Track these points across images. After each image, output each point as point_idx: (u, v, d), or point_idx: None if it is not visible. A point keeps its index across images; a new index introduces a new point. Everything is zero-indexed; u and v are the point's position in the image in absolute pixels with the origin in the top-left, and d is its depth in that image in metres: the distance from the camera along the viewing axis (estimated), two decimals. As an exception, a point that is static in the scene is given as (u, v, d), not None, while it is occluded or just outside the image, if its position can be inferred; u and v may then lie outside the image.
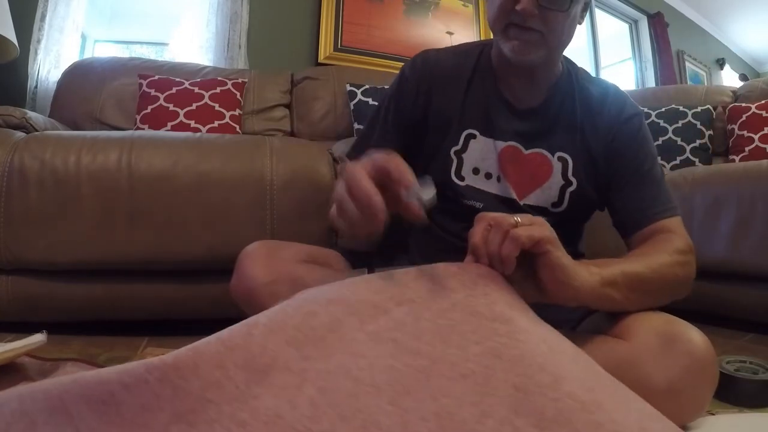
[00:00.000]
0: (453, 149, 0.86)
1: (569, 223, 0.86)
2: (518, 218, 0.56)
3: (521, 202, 0.84)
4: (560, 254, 0.58)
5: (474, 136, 0.86)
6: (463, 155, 0.86)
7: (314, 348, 0.45)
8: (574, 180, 0.84)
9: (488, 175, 0.85)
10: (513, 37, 0.76)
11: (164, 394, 0.38)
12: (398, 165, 0.54)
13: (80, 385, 0.38)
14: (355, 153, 0.92)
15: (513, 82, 0.85)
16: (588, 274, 0.61)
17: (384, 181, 0.54)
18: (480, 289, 0.52)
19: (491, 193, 0.85)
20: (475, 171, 0.85)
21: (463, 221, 0.87)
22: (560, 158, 0.84)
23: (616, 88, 0.89)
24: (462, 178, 0.86)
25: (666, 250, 0.72)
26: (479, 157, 0.85)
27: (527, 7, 0.72)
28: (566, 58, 0.90)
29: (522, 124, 0.85)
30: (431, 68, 0.89)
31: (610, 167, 0.84)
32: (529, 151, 0.84)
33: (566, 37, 0.80)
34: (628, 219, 0.82)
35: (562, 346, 0.47)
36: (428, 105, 0.88)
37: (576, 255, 0.91)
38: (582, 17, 0.82)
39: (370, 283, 0.53)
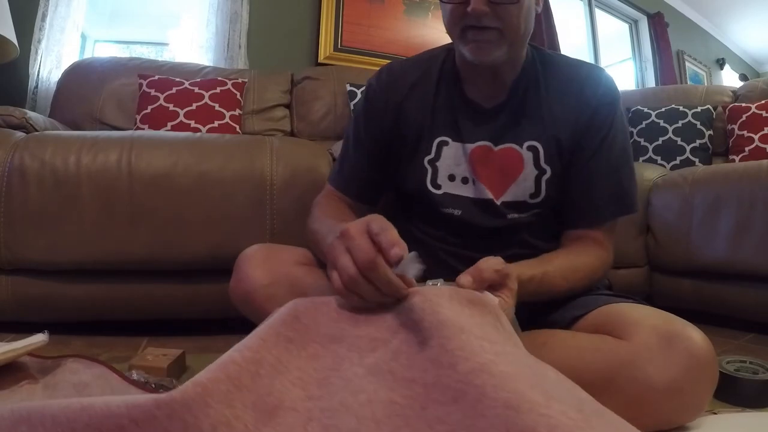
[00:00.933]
0: (426, 158, 0.86)
1: (551, 215, 0.87)
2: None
3: (498, 201, 0.84)
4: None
5: (446, 143, 0.86)
6: (437, 163, 0.86)
7: (318, 388, 0.47)
8: (547, 167, 0.83)
9: (464, 180, 0.85)
10: (471, 39, 0.76)
11: (175, 430, 0.39)
12: (390, 239, 0.53)
13: (89, 414, 0.39)
14: (337, 177, 0.93)
15: (477, 82, 0.85)
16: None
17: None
18: (467, 311, 0.53)
19: (468, 197, 0.85)
20: (451, 177, 0.85)
21: (443, 229, 0.87)
22: (530, 147, 0.83)
23: (594, 71, 0.87)
24: (438, 186, 0.86)
25: (585, 270, 0.80)
26: (453, 163, 0.85)
27: (477, 6, 0.72)
28: (533, 46, 0.88)
29: (489, 123, 0.84)
30: (397, 80, 0.89)
31: (574, 154, 0.83)
32: (499, 147, 0.84)
33: (525, 29, 0.78)
34: (572, 214, 0.85)
35: (547, 372, 0.48)
36: (399, 117, 0.88)
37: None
38: (538, 4, 0.81)
39: (369, 316, 0.54)
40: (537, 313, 0.82)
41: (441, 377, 0.45)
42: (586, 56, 3.61)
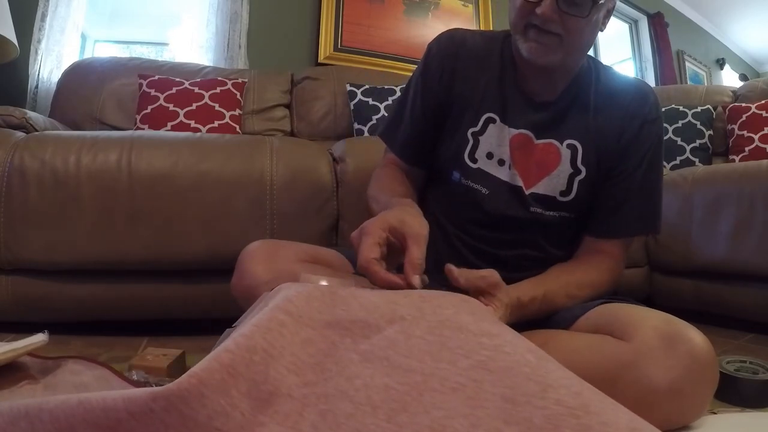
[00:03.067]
0: (471, 130, 0.87)
1: (575, 222, 0.87)
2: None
3: (528, 191, 0.84)
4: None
5: (494, 121, 0.87)
6: (480, 138, 0.86)
7: (312, 373, 0.47)
8: (583, 168, 0.84)
9: (501, 162, 0.86)
10: (532, 38, 0.78)
11: (172, 422, 0.39)
12: (416, 242, 0.59)
13: (86, 410, 0.39)
14: (391, 142, 0.95)
15: (530, 77, 0.86)
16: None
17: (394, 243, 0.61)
18: (466, 308, 0.54)
19: (500, 179, 0.85)
20: (489, 156, 0.86)
21: (464, 215, 0.88)
22: (569, 146, 0.85)
23: (643, 87, 0.89)
24: (474, 161, 0.86)
25: (591, 286, 0.82)
26: (495, 142, 0.86)
27: (547, 11, 0.74)
28: (592, 57, 0.91)
29: (536, 115, 0.86)
30: (457, 48, 0.90)
31: (611, 167, 0.85)
32: (540, 141, 0.85)
33: (586, 42, 0.81)
34: (595, 222, 0.87)
35: (547, 356, 0.48)
36: (452, 84, 0.89)
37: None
38: (604, 24, 0.83)
39: (362, 302, 0.54)
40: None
41: (439, 369, 0.45)
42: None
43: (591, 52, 0.91)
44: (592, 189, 0.85)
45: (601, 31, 0.83)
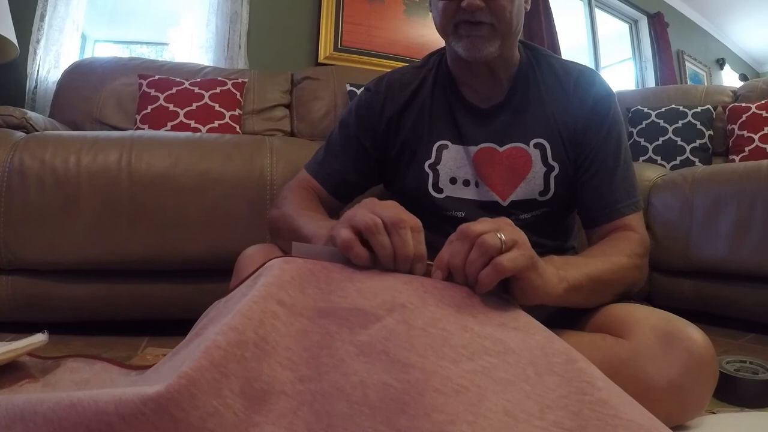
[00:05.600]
0: (427, 163, 0.86)
1: (559, 213, 0.87)
2: (502, 236, 0.54)
3: (505, 202, 0.83)
4: (536, 276, 0.57)
5: (446, 146, 0.86)
6: (438, 167, 0.86)
7: (307, 368, 0.45)
8: (555, 164, 0.83)
9: (466, 183, 0.85)
10: (464, 34, 0.77)
11: (163, 425, 0.38)
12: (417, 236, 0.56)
13: (78, 413, 0.39)
14: (318, 169, 0.92)
15: (474, 83, 0.86)
16: (557, 281, 0.62)
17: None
18: (468, 305, 0.52)
19: (471, 200, 0.85)
20: (453, 181, 0.85)
21: (446, 234, 0.87)
22: (537, 145, 0.83)
23: (585, 69, 0.87)
24: (440, 191, 0.86)
25: (626, 252, 0.74)
26: (454, 166, 0.85)
27: (473, 1, 0.73)
28: (524, 43, 0.90)
29: (491, 123, 0.85)
30: (395, 94, 0.89)
31: (579, 153, 0.83)
32: (504, 148, 0.84)
33: (516, 24, 0.80)
34: (592, 213, 0.83)
35: (552, 369, 0.46)
36: (396, 128, 0.88)
37: (564, 250, 0.92)
38: (527, 2, 0.83)
39: (360, 287, 0.51)
40: (537, 312, 0.82)
41: (441, 368, 0.43)
42: (586, 56, 3.61)
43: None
44: (569, 182, 0.84)
45: (526, 10, 0.83)
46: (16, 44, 1.63)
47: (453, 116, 0.86)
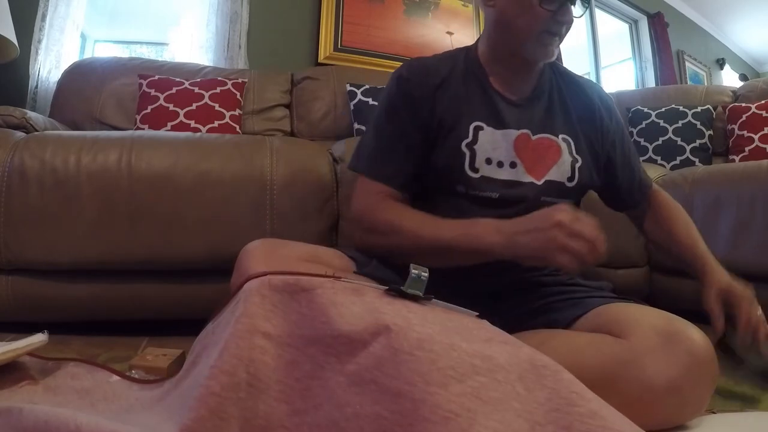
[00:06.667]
0: (464, 142, 0.88)
1: (576, 202, 0.94)
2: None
3: (541, 180, 0.87)
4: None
5: (481, 128, 0.88)
6: (475, 147, 0.88)
7: (301, 400, 0.46)
8: (579, 157, 0.91)
9: (500, 164, 0.87)
10: (548, 43, 0.85)
11: None
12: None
13: None
14: (379, 171, 0.88)
15: (507, 77, 0.91)
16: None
17: None
18: (455, 323, 0.52)
19: (505, 180, 0.87)
20: (488, 161, 0.88)
21: (473, 215, 0.87)
22: (564, 140, 0.90)
23: (586, 78, 1.02)
24: (476, 170, 0.87)
25: (682, 211, 1.00)
26: (489, 147, 0.88)
27: (571, 19, 0.83)
28: None
29: (526, 113, 0.90)
30: (429, 71, 0.92)
31: (603, 147, 0.94)
32: (537, 137, 0.89)
33: None
34: (633, 192, 0.99)
35: (541, 382, 0.47)
36: (435, 104, 0.89)
37: None
38: None
39: (342, 311, 0.51)
40: (537, 312, 0.82)
41: (430, 394, 0.43)
42: (586, 56, 3.61)
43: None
44: (588, 176, 0.92)
45: None
46: (17, 44, 1.63)
47: (490, 101, 0.90)
